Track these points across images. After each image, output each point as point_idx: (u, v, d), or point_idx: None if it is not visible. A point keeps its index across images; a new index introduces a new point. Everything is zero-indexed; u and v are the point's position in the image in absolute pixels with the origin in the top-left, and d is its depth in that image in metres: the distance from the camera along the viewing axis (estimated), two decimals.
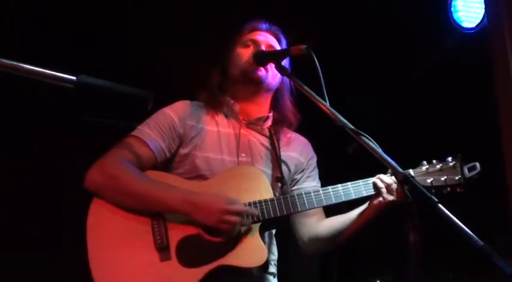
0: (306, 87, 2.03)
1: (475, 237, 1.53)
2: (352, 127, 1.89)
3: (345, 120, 1.91)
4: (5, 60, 1.52)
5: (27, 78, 1.55)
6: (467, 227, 1.55)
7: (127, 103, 1.68)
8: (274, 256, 2.38)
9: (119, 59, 3.77)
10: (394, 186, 2.14)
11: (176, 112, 2.34)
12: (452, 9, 3.73)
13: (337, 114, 1.93)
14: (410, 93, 4.15)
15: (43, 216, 3.72)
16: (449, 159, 2.22)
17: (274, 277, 2.35)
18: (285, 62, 2.36)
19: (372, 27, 3.91)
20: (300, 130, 2.55)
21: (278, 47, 2.45)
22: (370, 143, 1.84)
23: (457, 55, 3.75)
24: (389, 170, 2.03)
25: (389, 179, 2.16)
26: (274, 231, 2.39)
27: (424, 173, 2.21)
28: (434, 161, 2.24)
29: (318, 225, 2.37)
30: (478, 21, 3.61)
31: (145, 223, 2.12)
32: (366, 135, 1.86)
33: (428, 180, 2.19)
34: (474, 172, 2.19)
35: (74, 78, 1.59)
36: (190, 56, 2.54)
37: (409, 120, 4.08)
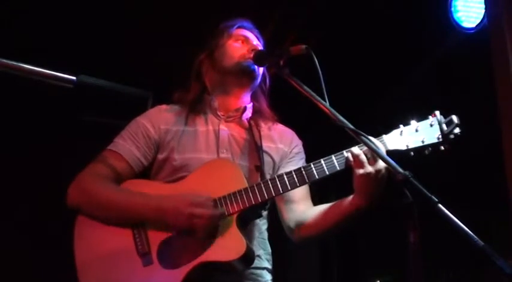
0: (305, 87, 2.02)
1: (475, 237, 1.52)
2: (352, 127, 1.88)
3: (345, 120, 1.90)
4: (5, 60, 1.53)
5: (27, 78, 1.56)
6: (467, 227, 1.55)
7: (127, 103, 1.68)
8: (266, 251, 2.35)
9: (119, 59, 3.78)
10: (363, 157, 2.02)
11: (149, 119, 2.35)
12: (452, 9, 3.73)
13: (337, 114, 1.92)
14: (410, 94, 4.16)
15: (43, 216, 3.73)
16: (429, 117, 2.08)
17: (268, 272, 2.33)
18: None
19: (372, 27, 3.91)
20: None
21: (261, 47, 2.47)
22: (370, 143, 1.84)
23: (457, 55, 3.75)
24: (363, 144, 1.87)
25: (357, 149, 2.04)
26: (264, 226, 2.38)
27: (398, 137, 2.07)
28: (411, 121, 2.10)
29: (306, 212, 2.32)
30: (478, 21, 3.61)
31: (126, 232, 2.15)
32: (366, 135, 1.86)
33: (404, 144, 2.05)
34: (452, 126, 2.02)
35: (74, 78, 1.60)
36: (190, 56, 2.53)
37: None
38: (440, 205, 1.59)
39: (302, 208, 2.35)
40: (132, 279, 2.09)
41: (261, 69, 2.42)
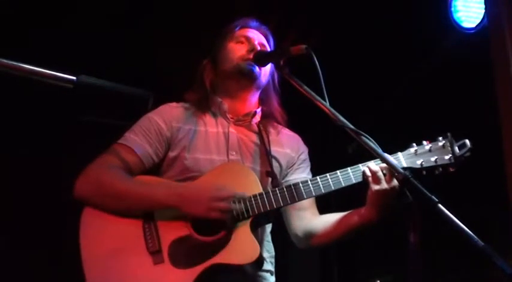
0: (305, 87, 2.03)
1: (475, 237, 1.53)
2: (352, 127, 1.88)
3: (345, 120, 1.90)
4: (5, 60, 1.53)
5: (27, 78, 1.56)
6: (467, 227, 1.55)
7: (127, 103, 1.68)
8: (270, 253, 2.36)
9: (119, 59, 3.78)
10: (380, 174, 2.06)
11: (161, 116, 2.33)
12: (452, 9, 3.73)
13: (337, 114, 1.93)
14: (410, 94, 4.16)
15: (43, 217, 3.73)
16: (440, 138, 2.15)
17: (271, 275, 2.33)
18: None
19: (372, 27, 3.91)
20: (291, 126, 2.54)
21: (268, 46, 2.46)
22: (370, 143, 1.84)
23: (457, 55, 3.75)
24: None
25: (375, 166, 2.08)
26: (269, 228, 2.38)
27: (413, 155, 2.14)
28: (424, 142, 2.17)
29: (314, 220, 2.33)
30: (478, 21, 3.61)
31: (136, 228, 2.12)
32: (366, 135, 1.86)
33: (418, 162, 2.12)
34: (464, 150, 2.11)
35: (74, 78, 1.60)
36: (190, 56, 2.53)
37: (409, 121, 4.08)
38: (440, 205, 1.59)
39: (309, 216, 2.36)
40: (141, 277, 2.06)
41: (266, 69, 2.39)
